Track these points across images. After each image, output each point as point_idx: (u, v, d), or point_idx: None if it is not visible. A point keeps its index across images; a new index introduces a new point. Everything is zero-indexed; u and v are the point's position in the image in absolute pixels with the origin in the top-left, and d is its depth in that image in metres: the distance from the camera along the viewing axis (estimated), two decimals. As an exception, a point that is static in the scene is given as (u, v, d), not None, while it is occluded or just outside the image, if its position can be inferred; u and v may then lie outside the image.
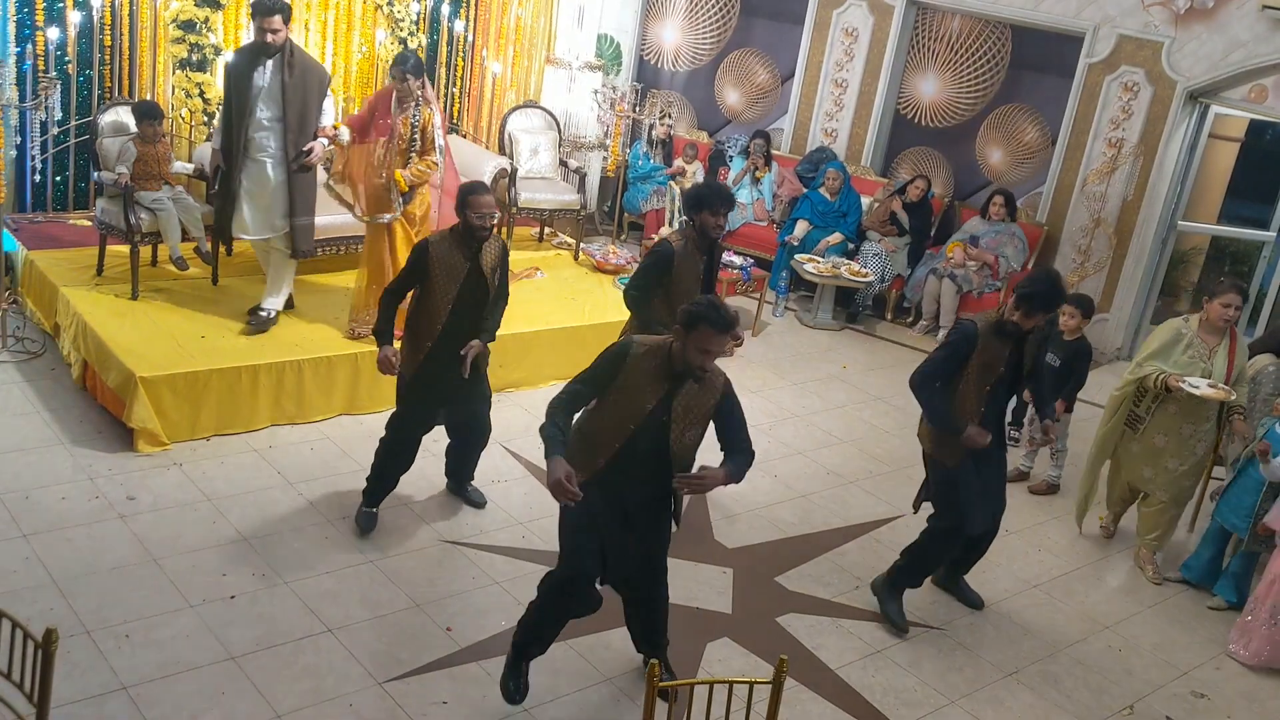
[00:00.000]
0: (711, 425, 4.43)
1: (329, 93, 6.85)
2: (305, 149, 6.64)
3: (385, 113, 6.67)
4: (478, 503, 6.10)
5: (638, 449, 4.30)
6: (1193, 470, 6.36)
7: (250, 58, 6.65)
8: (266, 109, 6.64)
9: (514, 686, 4.60)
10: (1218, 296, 6.07)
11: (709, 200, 5.86)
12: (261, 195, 6.82)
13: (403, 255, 6.65)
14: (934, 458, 5.47)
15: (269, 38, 6.51)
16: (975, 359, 5.22)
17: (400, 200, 6.75)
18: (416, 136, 6.65)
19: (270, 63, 6.59)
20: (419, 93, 6.63)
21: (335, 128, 6.77)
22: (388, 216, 6.77)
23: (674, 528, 4.67)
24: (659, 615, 4.81)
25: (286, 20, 6.57)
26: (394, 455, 5.72)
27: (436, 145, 6.73)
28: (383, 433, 5.74)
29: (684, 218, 6.09)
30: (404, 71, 6.53)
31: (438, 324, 5.45)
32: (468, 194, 5.40)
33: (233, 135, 6.72)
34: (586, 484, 4.22)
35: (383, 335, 5.49)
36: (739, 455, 4.37)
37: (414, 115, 6.63)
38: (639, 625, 4.84)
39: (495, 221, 5.46)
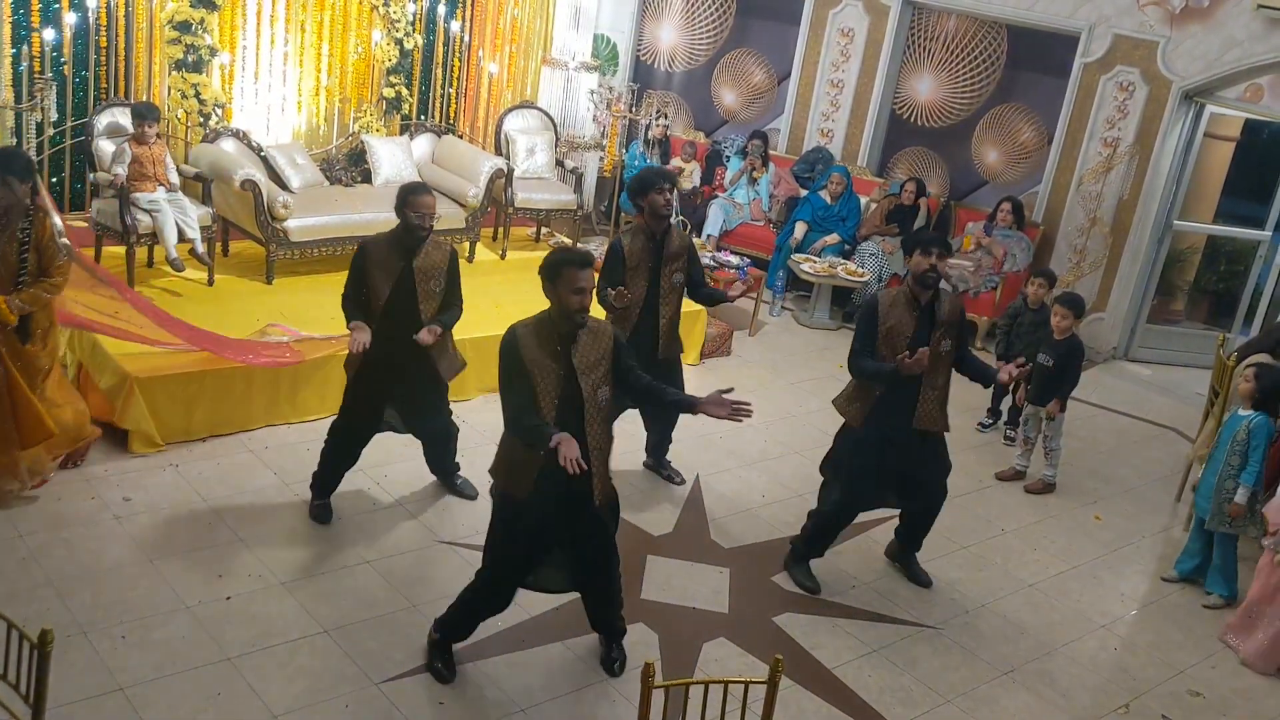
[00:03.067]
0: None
1: None
2: None
3: None
4: (469, 495, 6.12)
5: (567, 423, 4.30)
6: None
7: None
8: None
9: (444, 667, 4.73)
10: None
11: (653, 180, 5.97)
12: None
13: (28, 418, 5.26)
14: (845, 421, 5.69)
15: None
16: (882, 325, 5.45)
17: None
18: (28, 255, 5.16)
19: None
20: (28, 200, 5.16)
21: None
22: None
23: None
24: (615, 600, 4.90)
25: None
26: (337, 458, 5.77)
27: (61, 260, 5.28)
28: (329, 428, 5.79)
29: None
30: (5, 177, 5.06)
31: (372, 323, 5.48)
32: (408, 193, 5.40)
33: None
34: (525, 498, 4.43)
35: (351, 318, 5.48)
36: (661, 385, 4.66)
37: (23, 230, 5.14)
38: (594, 614, 4.95)
39: (433, 223, 5.44)
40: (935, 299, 5.52)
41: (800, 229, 10.08)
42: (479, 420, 6.68)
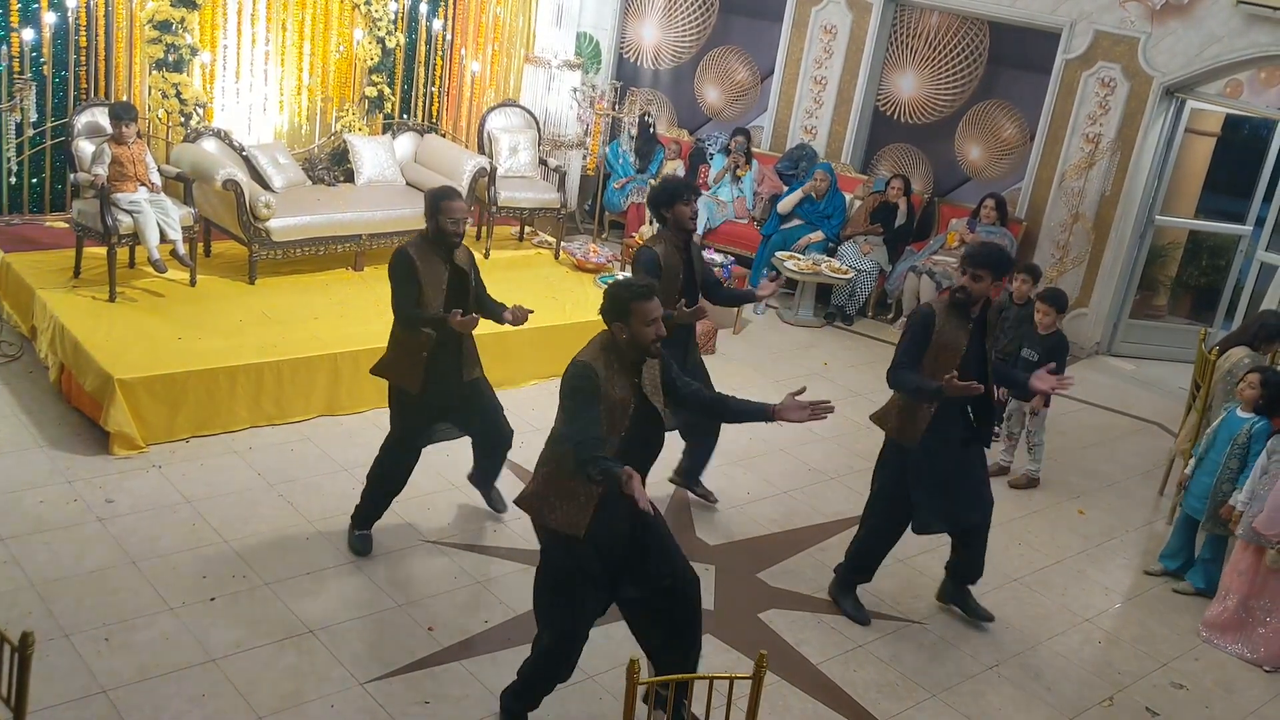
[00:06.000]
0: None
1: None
2: None
3: None
4: (499, 509, 6.01)
5: (632, 451, 4.11)
6: None
7: None
8: None
9: None
10: None
11: (679, 192, 5.86)
12: None
13: None
14: (895, 440, 5.37)
15: None
16: (935, 340, 5.17)
17: None
18: None
19: None
20: None
21: None
22: None
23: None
24: (694, 616, 4.50)
25: None
26: (392, 479, 5.57)
27: None
28: (379, 454, 5.56)
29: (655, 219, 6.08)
30: None
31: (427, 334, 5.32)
32: (441, 199, 5.28)
33: None
34: (592, 526, 4.11)
35: (438, 321, 5.26)
36: (734, 400, 4.49)
37: None
38: (663, 631, 4.48)
39: (466, 227, 5.37)
40: (984, 309, 5.27)
41: (792, 199, 10.14)
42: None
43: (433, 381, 5.39)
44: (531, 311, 5.58)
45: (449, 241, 5.32)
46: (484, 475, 6.03)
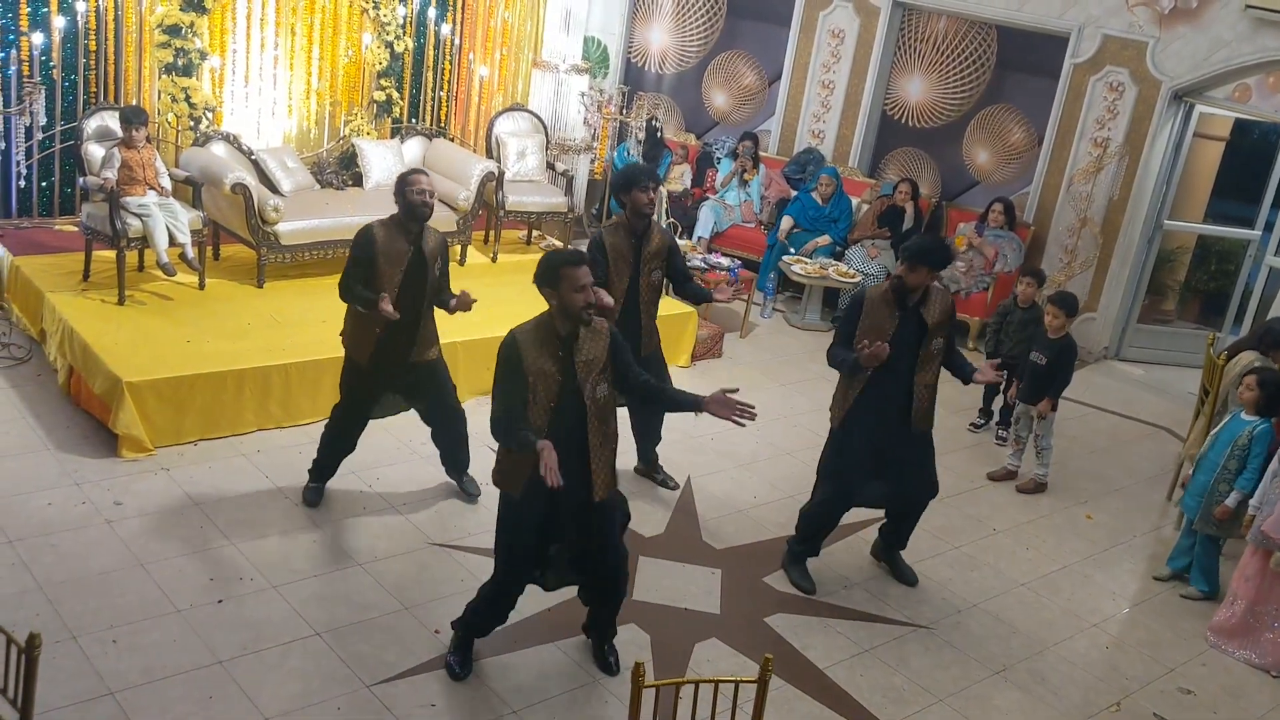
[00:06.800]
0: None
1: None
2: None
3: None
4: (471, 493, 6.17)
5: (562, 430, 4.35)
6: None
7: None
8: None
9: (457, 663, 4.78)
10: None
11: (637, 177, 6.00)
12: None
13: None
14: (831, 422, 5.73)
15: None
16: (863, 322, 5.52)
17: None
18: None
19: None
20: None
21: None
22: None
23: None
24: (616, 603, 4.93)
25: None
26: (338, 444, 5.91)
27: None
28: (329, 419, 5.94)
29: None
30: None
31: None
32: (406, 174, 5.60)
33: None
34: (526, 490, 4.41)
35: (370, 302, 5.51)
36: (664, 385, 4.77)
37: None
38: (593, 614, 4.98)
39: (434, 199, 5.61)
40: (924, 299, 5.52)
41: (787, 222, 10.11)
42: (470, 422, 6.67)
43: (382, 357, 5.67)
44: (475, 300, 5.78)
45: (418, 214, 5.54)
46: (449, 460, 6.19)
